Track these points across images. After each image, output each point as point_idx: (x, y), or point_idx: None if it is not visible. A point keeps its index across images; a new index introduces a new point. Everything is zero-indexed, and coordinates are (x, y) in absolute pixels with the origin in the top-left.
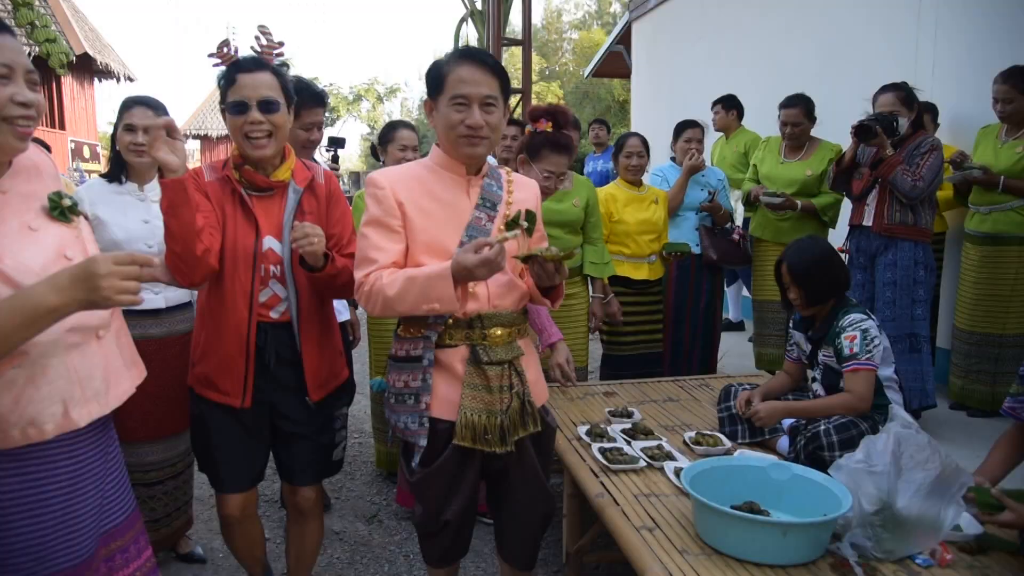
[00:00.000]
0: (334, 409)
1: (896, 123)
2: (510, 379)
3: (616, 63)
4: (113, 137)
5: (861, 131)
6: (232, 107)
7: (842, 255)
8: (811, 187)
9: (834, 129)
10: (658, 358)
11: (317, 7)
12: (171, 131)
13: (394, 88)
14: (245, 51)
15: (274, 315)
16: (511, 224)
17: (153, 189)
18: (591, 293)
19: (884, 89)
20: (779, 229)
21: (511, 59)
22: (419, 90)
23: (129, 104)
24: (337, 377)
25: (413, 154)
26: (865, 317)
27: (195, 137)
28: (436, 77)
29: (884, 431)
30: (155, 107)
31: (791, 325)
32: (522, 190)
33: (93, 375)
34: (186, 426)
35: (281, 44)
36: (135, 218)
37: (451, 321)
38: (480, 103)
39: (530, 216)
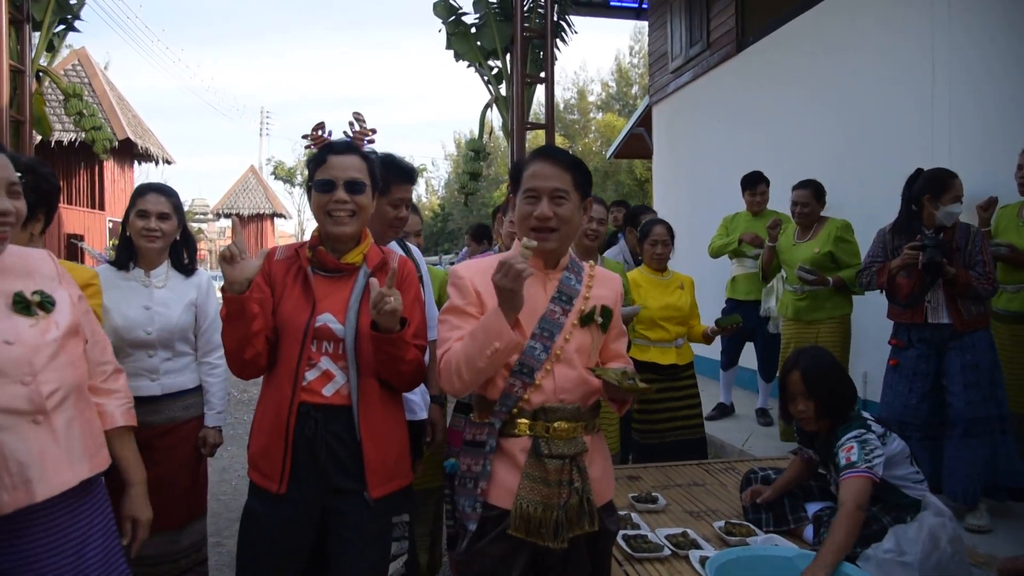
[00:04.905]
0: (393, 514)
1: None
2: (570, 474)
3: (637, 145)
4: (124, 223)
5: (931, 268)
6: (319, 185)
7: (895, 347)
8: (822, 262)
9: (852, 209)
10: (698, 445)
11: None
12: (245, 249)
13: (420, 168)
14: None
15: (326, 392)
16: (585, 319)
17: (160, 275)
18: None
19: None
20: (798, 308)
21: (535, 142)
22: (444, 170)
23: (144, 191)
24: (403, 476)
25: (415, 239)
26: (864, 431)
27: (226, 216)
28: (515, 174)
29: (916, 520)
30: (168, 194)
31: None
32: (603, 286)
33: (24, 461)
34: (190, 519)
35: (373, 131)
36: (136, 305)
37: (515, 411)
38: (549, 196)
39: (605, 312)
